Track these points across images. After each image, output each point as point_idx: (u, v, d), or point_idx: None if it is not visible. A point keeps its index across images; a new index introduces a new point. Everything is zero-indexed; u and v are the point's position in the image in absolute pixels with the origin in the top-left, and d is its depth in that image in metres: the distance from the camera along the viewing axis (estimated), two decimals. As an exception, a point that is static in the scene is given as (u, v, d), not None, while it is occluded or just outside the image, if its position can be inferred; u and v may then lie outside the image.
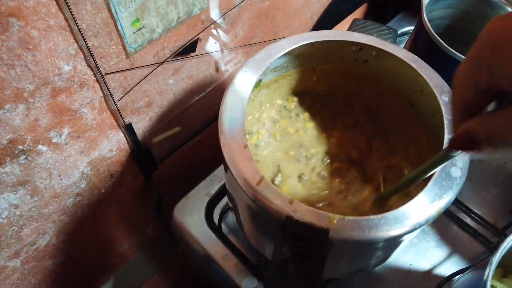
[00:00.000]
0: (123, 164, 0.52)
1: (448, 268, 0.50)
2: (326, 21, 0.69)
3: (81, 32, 0.35)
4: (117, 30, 0.37)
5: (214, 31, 0.50)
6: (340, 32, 0.44)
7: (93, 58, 0.37)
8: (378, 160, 0.46)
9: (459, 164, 0.35)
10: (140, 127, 0.50)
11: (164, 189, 0.61)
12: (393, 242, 0.35)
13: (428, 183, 0.33)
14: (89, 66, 0.38)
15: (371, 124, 0.48)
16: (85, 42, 0.35)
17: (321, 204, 0.42)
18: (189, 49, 0.48)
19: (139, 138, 0.50)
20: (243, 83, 0.40)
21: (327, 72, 0.47)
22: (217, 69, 0.55)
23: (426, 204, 0.33)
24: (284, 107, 0.48)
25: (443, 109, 0.38)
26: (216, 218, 0.54)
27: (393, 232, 0.31)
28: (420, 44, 0.54)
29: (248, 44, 0.57)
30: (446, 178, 0.34)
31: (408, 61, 0.41)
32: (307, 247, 0.31)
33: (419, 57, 0.42)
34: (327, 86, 0.49)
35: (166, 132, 0.49)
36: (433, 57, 0.52)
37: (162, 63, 0.45)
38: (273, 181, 0.43)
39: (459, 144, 0.23)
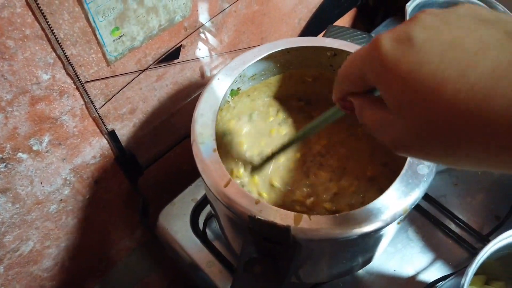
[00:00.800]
0: (107, 170, 0.52)
1: (432, 274, 0.50)
2: (314, 27, 0.69)
3: (59, 41, 0.35)
4: (96, 38, 0.37)
5: (198, 38, 0.50)
6: (314, 38, 0.44)
7: (72, 67, 0.37)
8: (357, 163, 0.46)
9: (426, 162, 0.35)
10: (124, 133, 0.50)
11: (150, 195, 0.61)
12: (362, 241, 0.35)
13: (395, 181, 0.34)
14: (68, 74, 0.38)
15: (352, 129, 0.48)
16: (63, 51, 0.36)
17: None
18: (172, 56, 0.48)
19: (123, 144, 0.50)
20: (215, 90, 0.40)
21: (305, 78, 0.47)
22: (203, 75, 0.55)
23: (393, 201, 0.33)
24: (265, 114, 0.49)
25: None
26: (201, 224, 0.54)
27: (358, 230, 0.31)
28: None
29: (234, 50, 0.57)
30: (413, 175, 0.34)
31: None
32: (274, 247, 0.31)
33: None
34: (307, 93, 0.49)
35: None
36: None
37: (144, 70, 0.45)
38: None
39: (345, 108, 0.27)
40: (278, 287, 0.31)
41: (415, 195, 0.33)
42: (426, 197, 0.56)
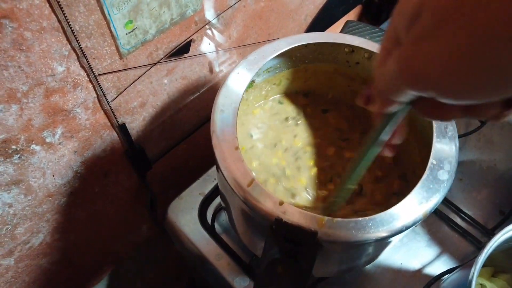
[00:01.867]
0: (117, 164, 0.52)
1: (438, 267, 0.51)
2: (320, 23, 0.69)
3: (74, 34, 0.35)
4: (110, 31, 0.38)
5: (207, 32, 0.50)
6: (333, 34, 0.44)
7: (86, 59, 0.38)
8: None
9: (446, 167, 0.35)
10: (134, 127, 0.50)
11: (158, 189, 0.62)
12: (381, 243, 0.36)
13: (416, 186, 0.34)
14: (82, 67, 0.38)
15: (361, 123, 0.49)
16: (78, 43, 0.36)
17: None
18: (182, 50, 0.48)
19: (133, 138, 0.50)
20: (235, 85, 0.40)
21: (319, 72, 0.47)
22: (211, 70, 0.56)
23: (414, 206, 0.33)
24: (278, 104, 0.49)
25: None
26: (209, 218, 0.54)
27: (381, 233, 0.32)
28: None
29: (242, 45, 0.58)
30: (433, 181, 0.34)
31: None
32: (296, 248, 0.32)
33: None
34: (319, 86, 0.49)
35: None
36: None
37: (155, 64, 0.46)
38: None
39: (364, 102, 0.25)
40: (301, 286, 0.31)
41: (435, 200, 0.34)
42: (432, 191, 0.56)
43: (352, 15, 0.80)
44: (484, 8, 0.15)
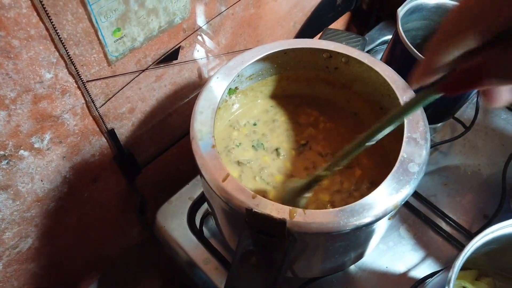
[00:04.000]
0: (106, 169, 0.52)
1: (423, 270, 0.51)
2: (309, 30, 0.71)
3: (62, 41, 0.36)
4: (98, 39, 0.38)
5: (196, 39, 0.51)
6: (310, 40, 0.45)
7: (74, 66, 0.38)
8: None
9: (417, 160, 0.36)
10: (123, 132, 0.51)
11: (148, 193, 0.62)
12: (354, 235, 0.36)
13: (387, 178, 0.35)
14: (70, 73, 0.39)
15: (347, 127, 0.50)
16: (66, 50, 0.36)
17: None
18: (171, 57, 0.49)
19: (122, 143, 0.51)
20: (214, 89, 0.42)
21: (301, 79, 0.49)
22: (200, 76, 0.57)
23: (384, 197, 0.34)
24: (262, 111, 0.50)
25: None
26: (198, 222, 0.55)
27: (351, 223, 0.33)
28: (397, 53, 0.56)
29: (231, 52, 0.59)
30: (404, 173, 0.35)
31: (372, 65, 0.43)
32: (270, 240, 0.33)
33: (396, 66, 0.44)
34: (303, 93, 0.50)
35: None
36: (409, 66, 0.54)
37: (144, 70, 0.46)
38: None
39: (459, 82, 0.23)
40: (274, 279, 0.32)
41: (406, 191, 0.35)
42: (417, 196, 0.57)
43: (340, 22, 0.81)
44: None
